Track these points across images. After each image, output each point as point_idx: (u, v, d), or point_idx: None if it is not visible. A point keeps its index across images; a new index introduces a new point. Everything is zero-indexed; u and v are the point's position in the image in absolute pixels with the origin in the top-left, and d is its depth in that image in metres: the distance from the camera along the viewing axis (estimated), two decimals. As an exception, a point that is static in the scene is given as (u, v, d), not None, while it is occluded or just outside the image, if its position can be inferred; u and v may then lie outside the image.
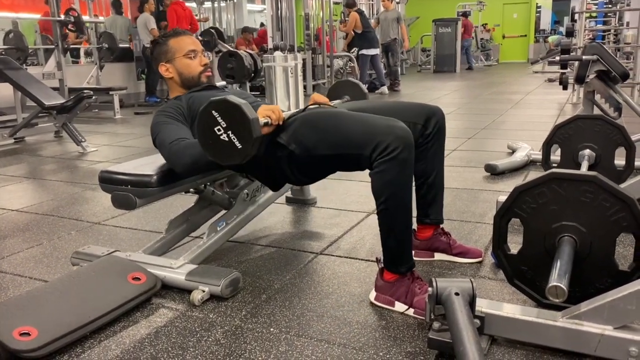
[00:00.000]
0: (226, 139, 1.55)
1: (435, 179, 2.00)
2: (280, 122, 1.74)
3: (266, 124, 1.67)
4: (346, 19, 9.76)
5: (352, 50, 9.89)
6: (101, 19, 9.64)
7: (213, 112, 1.54)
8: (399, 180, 1.60)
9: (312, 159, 1.75)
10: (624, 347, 1.33)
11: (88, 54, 9.74)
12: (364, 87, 2.39)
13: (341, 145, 1.68)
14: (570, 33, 6.10)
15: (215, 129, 1.55)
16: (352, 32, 9.32)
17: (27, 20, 9.01)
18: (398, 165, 1.58)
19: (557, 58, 4.31)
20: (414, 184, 2.02)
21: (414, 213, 2.05)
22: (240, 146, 1.55)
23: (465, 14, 15.86)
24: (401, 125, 1.62)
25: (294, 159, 1.77)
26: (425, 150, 1.95)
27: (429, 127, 1.94)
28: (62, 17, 6.25)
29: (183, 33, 2.12)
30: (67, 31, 6.48)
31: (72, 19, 6.21)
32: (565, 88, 5.95)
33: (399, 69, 9.92)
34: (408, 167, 1.61)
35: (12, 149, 5.13)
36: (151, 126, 1.94)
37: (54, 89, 5.66)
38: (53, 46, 6.46)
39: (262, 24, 12.17)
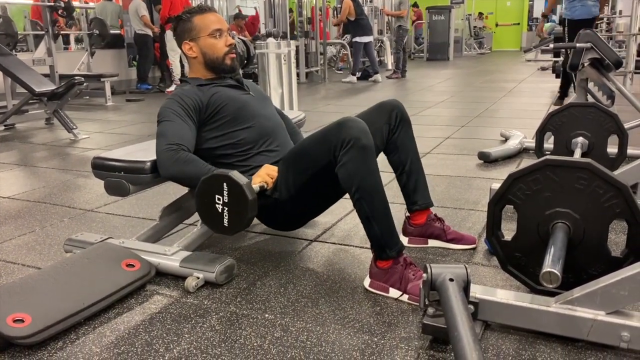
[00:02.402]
0: (219, 210, 1.61)
1: (411, 165, 2.03)
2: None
3: (261, 187, 1.76)
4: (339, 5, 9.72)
5: (344, 37, 9.83)
6: (91, 4, 9.53)
7: (225, 184, 1.58)
8: (364, 167, 1.63)
9: (295, 196, 1.80)
10: (616, 332, 1.35)
11: (79, 40, 9.65)
12: None
13: (310, 164, 1.75)
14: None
15: (216, 197, 1.60)
16: (346, 20, 9.27)
17: (16, 5, 8.88)
18: (358, 153, 1.62)
19: (551, 46, 4.31)
20: (394, 176, 2.07)
21: (405, 201, 2.08)
22: (227, 225, 1.62)
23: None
24: (350, 118, 1.69)
25: (279, 205, 1.83)
26: (394, 140, 2.01)
27: (392, 121, 2.00)
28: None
29: (208, 10, 2.02)
30: (57, 17, 6.40)
31: (62, 5, 6.13)
32: (558, 76, 5.97)
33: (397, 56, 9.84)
34: (369, 152, 1.64)
35: (2, 136, 5.08)
36: (162, 107, 1.90)
37: (45, 75, 5.60)
38: (43, 32, 6.38)
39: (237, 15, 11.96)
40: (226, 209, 1.59)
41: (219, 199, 1.59)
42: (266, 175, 1.80)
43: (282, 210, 1.86)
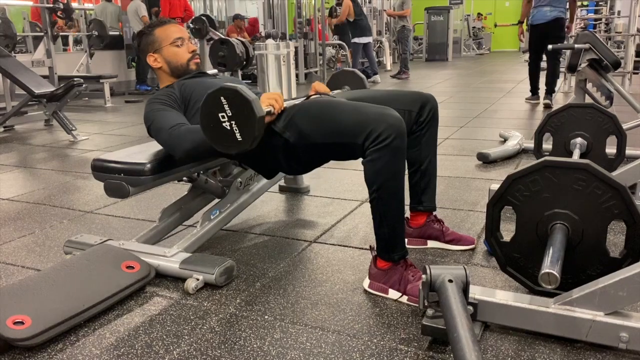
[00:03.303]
0: (228, 127, 1.57)
1: (428, 165, 2.01)
2: (280, 110, 1.75)
3: (269, 113, 1.68)
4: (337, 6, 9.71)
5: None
6: (90, 5, 9.53)
7: (221, 98, 1.55)
8: (392, 168, 1.60)
9: (307, 148, 1.75)
10: (615, 333, 1.35)
11: (78, 41, 9.65)
12: (363, 75, 2.40)
13: (335, 134, 1.68)
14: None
15: (220, 115, 1.56)
16: (344, 20, 9.26)
17: (15, 7, 8.89)
18: (390, 153, 1.58)
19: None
20: (407, 171, 2.04)
21: (407, 201, 2.08)
22: (241, 139, 1.57)
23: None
24: (393, 114, 1.62)
25: (289, 147, 1.76)
26: (419, 137, 1.98)
27: (423, 115, 1.97)
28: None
29: (168, 22, 2.11)
30: (56, 18, 6.40)
31: (60, 6, 6.13)
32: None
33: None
34: (400, 155, 1.61)
35: (1, 137, 5.08)
36: (145, 113, 1.92)
37: (44, 76, 5.60)
38: (42, 33, 6.38)
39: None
40: (233, 122, 1.55)
41: (223, 117, 1.56)
42: (268, 99, 1.72)
43: (289, 153, 1.79)
